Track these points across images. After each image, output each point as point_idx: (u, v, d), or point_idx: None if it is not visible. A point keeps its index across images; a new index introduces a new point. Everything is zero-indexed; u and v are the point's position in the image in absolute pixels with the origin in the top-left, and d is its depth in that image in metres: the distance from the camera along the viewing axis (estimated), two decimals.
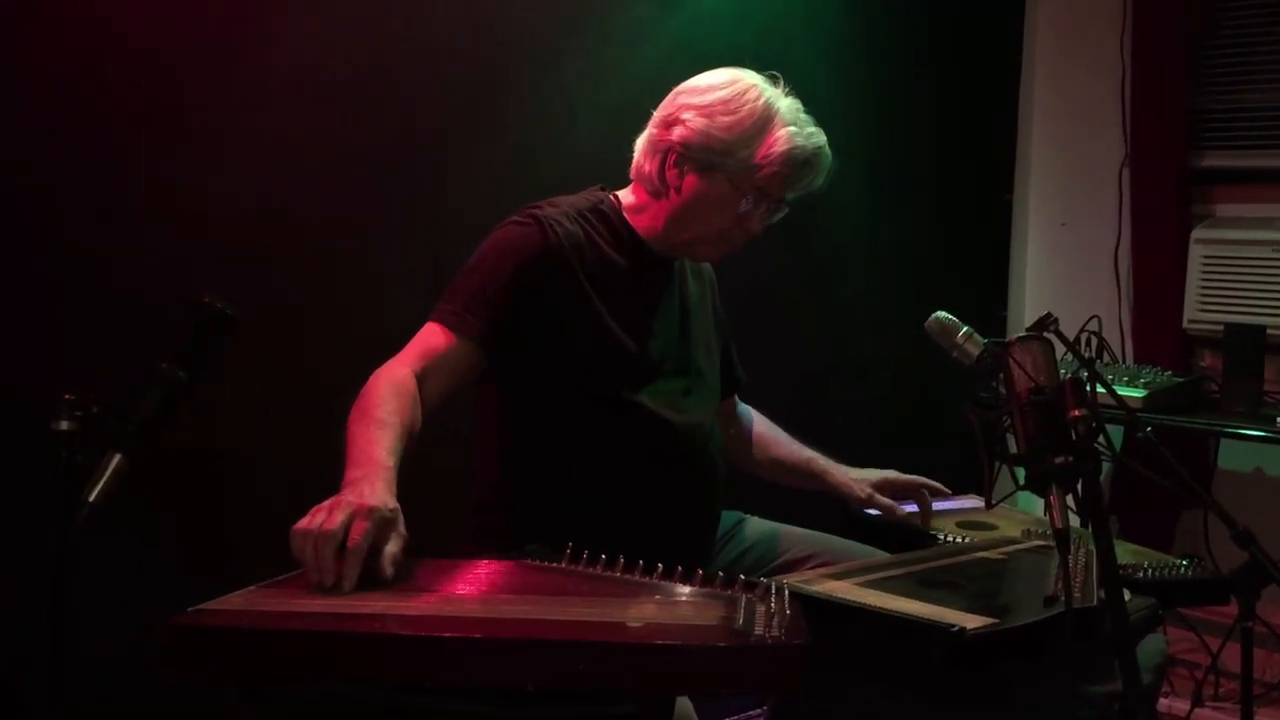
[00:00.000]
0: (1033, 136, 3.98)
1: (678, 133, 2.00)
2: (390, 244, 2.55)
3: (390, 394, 1.79)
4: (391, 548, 1.52)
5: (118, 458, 1.47)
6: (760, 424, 2.42)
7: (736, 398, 2.42)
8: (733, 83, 2.01)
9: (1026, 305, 3.98)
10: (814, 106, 1.94)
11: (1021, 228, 4.02)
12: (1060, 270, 3.95)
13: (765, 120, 1.98)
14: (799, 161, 2.01)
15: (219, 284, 1.65)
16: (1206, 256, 3.53)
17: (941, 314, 2.00)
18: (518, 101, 2.74)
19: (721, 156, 1.98)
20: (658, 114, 2.06)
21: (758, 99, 1.99)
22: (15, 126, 2.10)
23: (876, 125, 3.55)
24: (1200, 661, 3.24)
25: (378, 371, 1.84)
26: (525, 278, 1.93)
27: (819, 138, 2.04)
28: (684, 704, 1.63)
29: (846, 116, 3.42)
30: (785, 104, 2.02)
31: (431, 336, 1.91)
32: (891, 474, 2.34)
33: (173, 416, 1.53)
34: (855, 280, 3.54)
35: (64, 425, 1.44)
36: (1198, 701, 3.20)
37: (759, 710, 2.88)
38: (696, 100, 2.00)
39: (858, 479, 2.32)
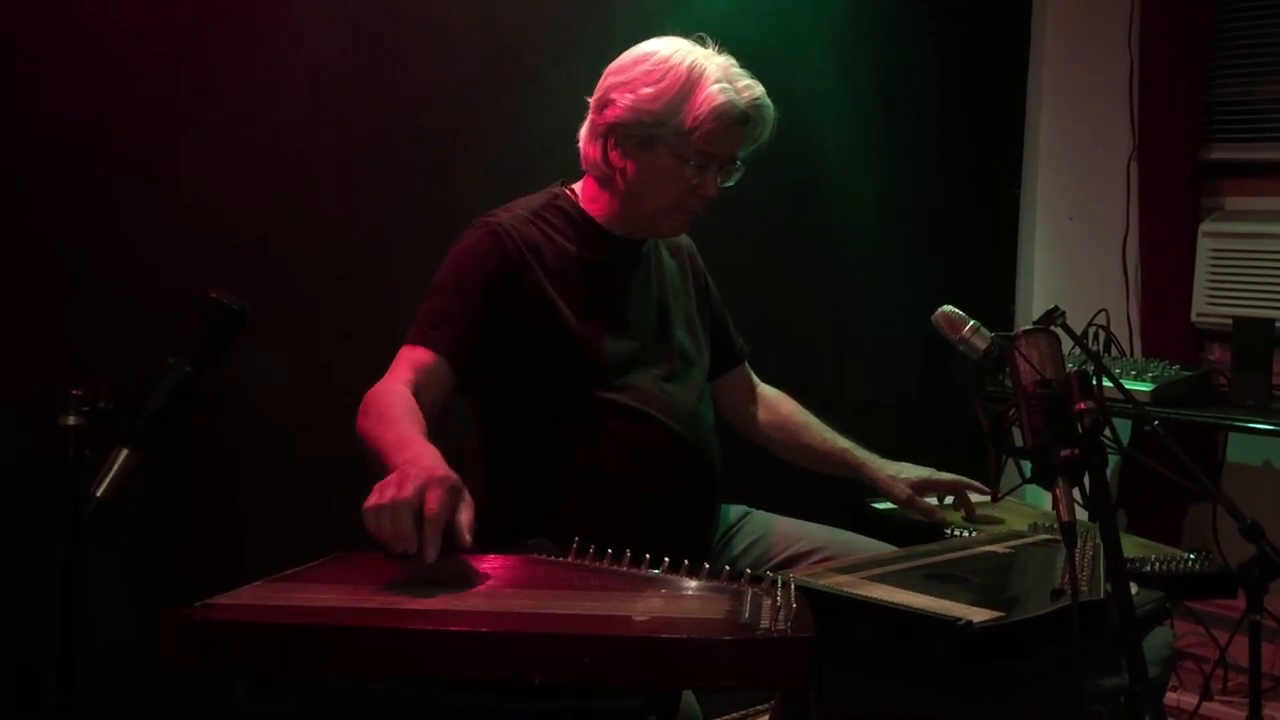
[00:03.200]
0: (1040, 130, 3.97)
1: (611, 113, 1.99)
2: (401, 239, 2.56)
3: (394, 400, 1.81)
4: (464, 515, 1.51)
5: (125, 452, 1.47)
6: (787, 406, 2.40)
7: (754, 375, 2.40)
8: (654, 52, 2.00)
9: (1034, 299, 3.97)
10: (821, 101, 1.95)
11: (1029, 222, 4.01)
12: (1068, 264, 3.94)
13: (691, 83, 1.96)
14: (733, 116, 1.98)
15: (230, 279, 1.65)
16: (1215, 250, 3.52)
17: (948, 307, 2.00)
18: (529, 97, 2.74)
19: (655, 128, 1.97)
20: (592, 98, 2.05)
21: (680, 63, 1.97)
22: (28, 122, 2.11)
23: (883, 120, 3.54)
24: (1208, 655, 3.24)
25: (373, 389, 1.85)
26: (485, 293, 1.94)
27: (754, 90, 2.01)
28: (688, 698, 1.64)
29: (854, 111, 3.43)
30: (714, 63, 2.00)
31: (408, 357, 1.92)
32: (929, 472, 2.29)
33: (182, 412, 1.53)
34: (863, 275, 3.54)
35: (72, 420, 1.44)
36: (1206, 695, 3.19)
37: (765, 705, 2.88)
38: (623, 78, 1.99)
39: (896, 477, 2.27)
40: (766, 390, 2.43)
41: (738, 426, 2.40)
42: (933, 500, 2.29)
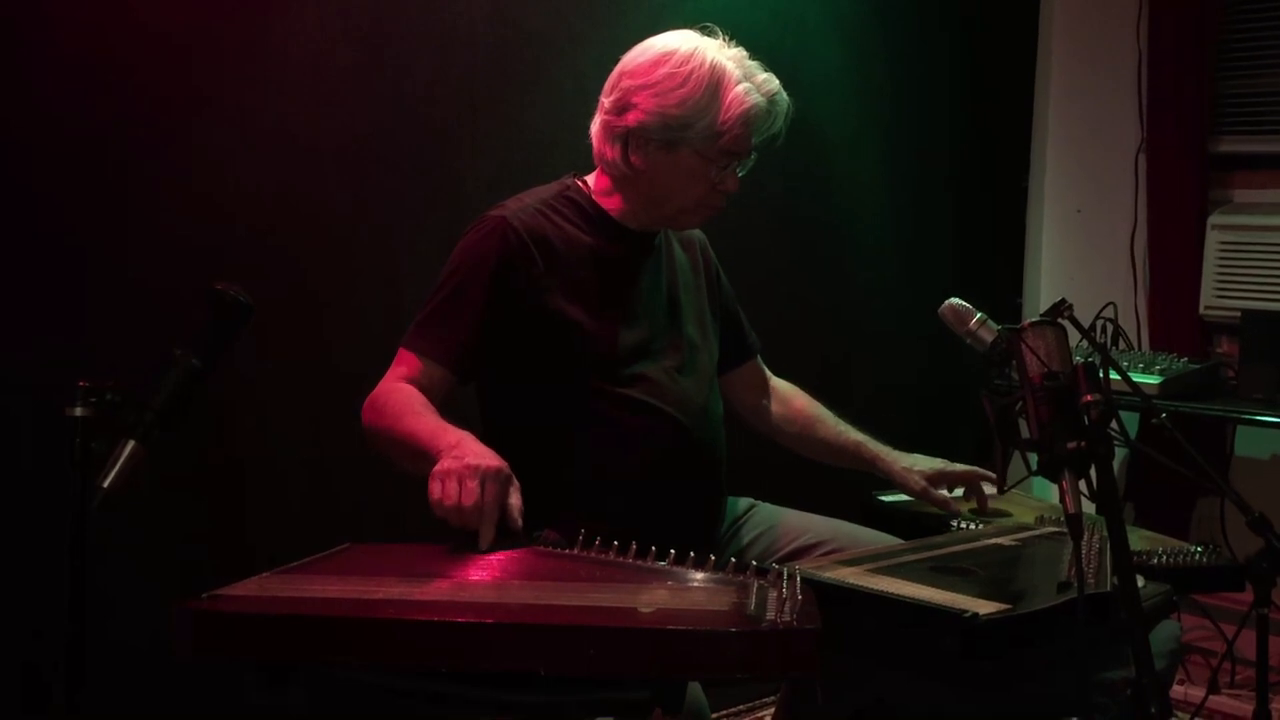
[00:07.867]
0: (1049, 122, 3.96)
1: (632, 117, 1.97)
2: (407, 233, 2.56)
3: (410, 394, 1.86)
4: (514, 500, 1.66)
5: (132, 444, 1.47)
6: (801, 400, 2.39)
7: (766, 369, 2.40)
8: (674, 52, 1.97)
9: (1042, 292, 3.96)
10: (829, 93, 1.94)
11: (1037, 214, 4.00)
12: (1076, 257, 3.92)
13: (716, 84, 1.95)
14: (759, 116, 1.98)
15: (237, 273, 1.66)
16: (1223, 242, 3.51)
17: (955, 300, 2.00)
18: (535, 90, 2.74)
19: (682, 131, 1.96)
20: (607, 99, 2.02)
21: (703, 64, 1.96)
22: (36, 117, 2.12)
23: (892, 112, 3.54)
24: (1216, 649, 3.23)
25: (380, 388, 1.89)
26: (485, 292, 1.94)
27: (771, 84, 2.01)
28: (695, 690, 1.64)
29: (862, 104, 3.43)
30: (731, 59, 1.99)
31: (405, 363, 1.93)
32: (942, 464, 2.28)
33: (189, 404, 1.53)
34: (870, 267, 3.54)
35: (79, 412, 1.44)
36: (1213, 689, 3.18)
37: (772, 697, 2.88)
38: (643, 81, 1.97)
39: (910, 469, 2.26)
40: (779, 384, 2.42)
41: (750, 421, 2.39)
42: (945, 492, 2.29)
